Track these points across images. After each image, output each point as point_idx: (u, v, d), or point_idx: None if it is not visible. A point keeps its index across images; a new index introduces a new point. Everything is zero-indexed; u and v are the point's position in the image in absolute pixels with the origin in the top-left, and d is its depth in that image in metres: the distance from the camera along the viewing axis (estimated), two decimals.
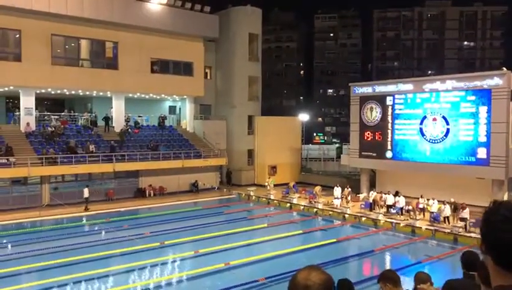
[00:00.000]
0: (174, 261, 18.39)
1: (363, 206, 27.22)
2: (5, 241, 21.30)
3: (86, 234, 22.27)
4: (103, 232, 23.47)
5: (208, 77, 40.54)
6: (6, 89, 30.67)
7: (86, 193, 27.57)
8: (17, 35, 29.25)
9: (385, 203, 26.13)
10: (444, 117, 26.79)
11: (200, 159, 34.27)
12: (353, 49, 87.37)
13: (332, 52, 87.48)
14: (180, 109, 40.69)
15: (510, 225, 1.64)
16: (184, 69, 36.87)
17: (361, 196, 29.91)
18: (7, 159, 26.64)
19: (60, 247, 19.06)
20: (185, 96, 38.44)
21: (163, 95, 37.99)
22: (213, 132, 37.76)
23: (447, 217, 22.93)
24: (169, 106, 40.91)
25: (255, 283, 14.93)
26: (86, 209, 27.10)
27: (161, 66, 35.97)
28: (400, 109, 29.26)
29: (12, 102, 34.10)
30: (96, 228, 24.25)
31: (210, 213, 27.52)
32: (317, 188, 29.85)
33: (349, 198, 28.27)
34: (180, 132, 37.83)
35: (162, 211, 27.77)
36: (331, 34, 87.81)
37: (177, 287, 15.79)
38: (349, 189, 28.61)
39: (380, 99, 30.21)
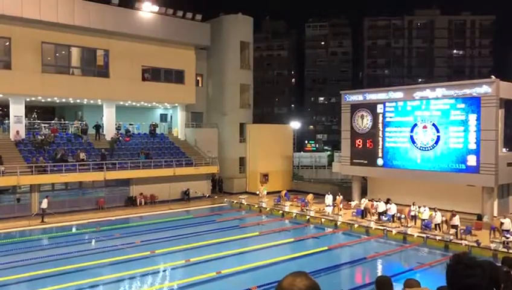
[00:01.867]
0: (165, 270, 18.25)
1: (354, 213, 27.27)
2: None
3: (76, 243, 21.97)
4: (94, 241, 23.28)
5: (200, 85, 40.55)
6: None
7: (44, 203, 26.30)
8: (7, 43, 29.07)
9: (376, 210, 26.20)
10: (434, 125, 26.99)
11: (192, 167, 34.15)
12: (344, 57, 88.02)
13: (323, 60, 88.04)
14: (171, 116, 40.60)
15: (471, 271, 2.00)
16: (175, 77, 36.84)
17: (353, 203, 29.97)
18: None
19: (50, 256, 18.86)
20: (176, 104, 38.38)
21: (154, 103, 37.89)
22: (204, 140, 37.67)
23: (439, 225, 23.03)
24: (161, 114, 40.81)
25: None
26: (42, 222, 25.98)
27: (152, 74, 35.90)
28: (391, 117, 29.44)
29: (1, 110, 33.78)
30: (86, 237, 23.99)
31: (201, 221, 27.37)
32: (310, 196, 29.86)
33: (341, 206, 28.32)
34: (171, 139, 37.71)
35: (153, 219, 27.61)
36: (322, 43, 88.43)
37: None
38: (341, 197, 28.69)
39: (371, 107, 30.39)
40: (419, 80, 73.36)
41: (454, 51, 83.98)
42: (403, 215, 24.83)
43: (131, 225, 26.56)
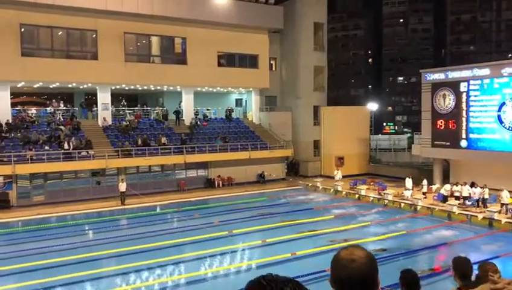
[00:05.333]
0: (242, 250, 18.80)
1: (435, 197, 26.18)
2: (86, 228, 22.91)
3: (159, 222, 23.31)
4: (175, 221, 24.55)
5: (273, 69, 40.69)
6: (85, 86, 32.82)
7: (122, 187, 27.32)
8: (94, 35, 31.05)
9: (460, 194, 24.95)
10: None
11: (266, 151, 34.58)
12: (425, 34, 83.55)
13: (402, 38, 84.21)
14: (246, 101, 41.23)
15: None
16: (250, 61, 37.28)
17: (434, 187, 28.74)
18: (87, 152, 28.56)
19: (135, 235, 20.17)
20: (251, 89, 38.87)
21: (229, 88, 38.70)
22: (278, 123, 37.90)
23: None
24: (236, 99, 41.59)
25: (322, 273, 14.88)
26: (123, 204, 27.08)
27: (227, 60, 36.63)
28: (476, 96, 27.66)
29: (89, 98, 36.35)
30: (168, 217, 25.38)
31: (277, 203, 27.76)
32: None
33: (424, 189, 27.33)
34: (246, 123, 38.37)
35: (231, 201, 28.41)
36: (401, 20, 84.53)
37: (246, 275, 16.10)
38: (425, 180, 27.73)
39: (454, 85, 28.74)
40: (510, 55, 67.84)
41: None
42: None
43: (210, 206, 27.57)
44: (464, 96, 28.21)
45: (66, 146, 28.10)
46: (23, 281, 14.62)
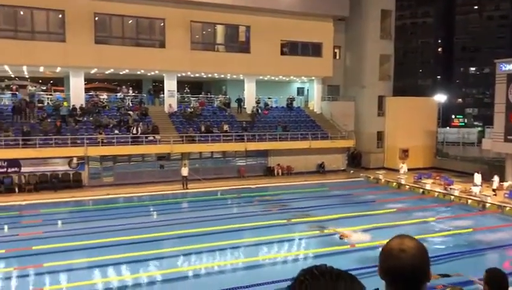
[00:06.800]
0: (300, 239, 18.84)
1: (507, 195, 24.74)
2: (151, 209, 23.92)
3: (219, 207, 23.87)
4: (235, 206, 25.02)
5: (337, 57, 39.96)
6: (152, 73, 34.01)
7: (184, 171, 28.36)
8: (162, 24, 32.01)
9: None
10: None
11: (327, 141, 34.19)
12: (502, 21, 78.39)
13: (476, 26, 79.57)
14: (308, 90, 40.88)
15: None
16: (313, 50, 36.82)
17: (506, 184, 27.16)
18: (154, 137, 29.73)
19: (197, 217, 20.80)
20: (313, 78, 38.46)
21: (292, 77, 38.53)
22: (341, 113, 37.26)
23: None
24: (298, 88, 41.34)
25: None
26: (185, 188, 28.02)
27: (290, 48, 36.39)
28: None
29: (156, 85, 37.65)
30: (229, 202, 25.90)
31: (336, 195, 27.48)
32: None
33: (494, 186, 25.89)
34: (307, 113, 38.09)
35: (290, 189, 28.46)
36: (475, 7, 79.83)
37: (303, 263, 16.17)
38: (496, 177, 26.26)
39: None
40: None
41: None
42: None
43: (268, 193, 27.80)
44: None
45: (134, 131, 29.43)
46: (93, 256, 15.57)
